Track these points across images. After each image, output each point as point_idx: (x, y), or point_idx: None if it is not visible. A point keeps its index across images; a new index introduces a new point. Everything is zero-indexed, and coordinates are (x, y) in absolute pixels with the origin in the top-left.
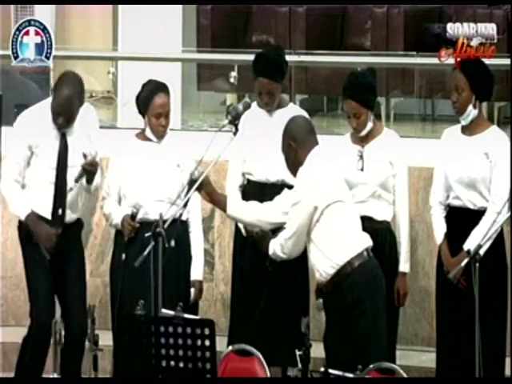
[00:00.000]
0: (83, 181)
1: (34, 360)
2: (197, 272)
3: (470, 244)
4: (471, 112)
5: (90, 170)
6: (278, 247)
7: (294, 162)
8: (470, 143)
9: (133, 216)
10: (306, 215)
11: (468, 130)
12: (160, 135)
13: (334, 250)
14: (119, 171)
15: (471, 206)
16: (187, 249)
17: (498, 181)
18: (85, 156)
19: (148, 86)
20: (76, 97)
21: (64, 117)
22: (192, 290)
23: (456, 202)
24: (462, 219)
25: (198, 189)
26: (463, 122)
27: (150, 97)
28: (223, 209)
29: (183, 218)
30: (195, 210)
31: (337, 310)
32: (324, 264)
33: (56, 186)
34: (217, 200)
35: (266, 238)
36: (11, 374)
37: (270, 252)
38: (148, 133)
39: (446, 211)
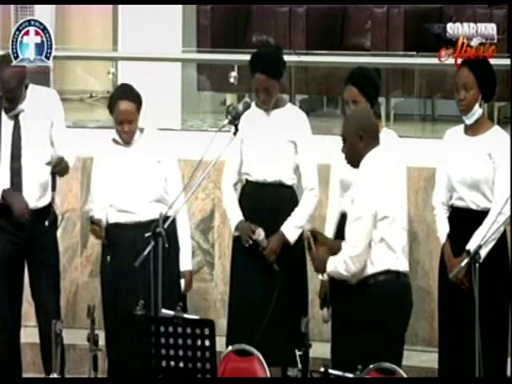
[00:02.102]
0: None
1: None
2: (186, 262)
3: (472, 244)
4: (477, 111)
5: (59, 171)
6: (341, 265)
7: (358, 153)
8: (473, 143)
9: (92, 221)
10: (368, 230)
11: (471, 130)
12: (125, 141)
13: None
14: (101, 177)
15: (474, 207)
16: (175, 245)
17: (502, 181)
18: (49, 163)
19: (117, 90)
20: (13, 77)
21: (5, 98)
22: (182, 281)
23: (459, 203)
24: (465, 220)
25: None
26: (468, 122)
27: (114, 102)
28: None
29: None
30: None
31: (349, 311)
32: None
33: (12, 170)
34: (334, 250)
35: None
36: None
37: (329, 269)
38: (116, 136)
39: (449, 212)
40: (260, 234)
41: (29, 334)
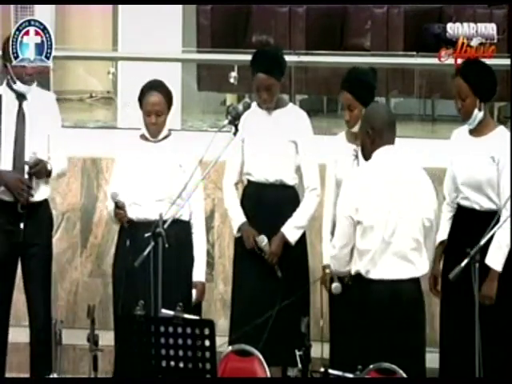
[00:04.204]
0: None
1: None
2: (199, 273)
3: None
4: (477, 116)
5: (35, 172)
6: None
7: (367, 149)
8: (477, 145)
9: (117, 205)
10: (345, 231)
11: (475, 131)
12: (152, 134)
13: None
14: (120, 172)
15: (478, 208)
16: (189, 250)
17: (507, 184)
18: (26, 163)
19: (146, 84)
20: None
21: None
22: (194, 292)
23: (464, 203)
24: (468, 219)
25: None
26: (470, 126)
27: (143, 94)
28: None
29: (186, 218)
30: (199, 212)
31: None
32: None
33: (14, 157)
34: None
35: None
36: (11, 374)
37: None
38: (144, 131)
39: (455, 210)
40: (263, 240)
41: (27, 334)
